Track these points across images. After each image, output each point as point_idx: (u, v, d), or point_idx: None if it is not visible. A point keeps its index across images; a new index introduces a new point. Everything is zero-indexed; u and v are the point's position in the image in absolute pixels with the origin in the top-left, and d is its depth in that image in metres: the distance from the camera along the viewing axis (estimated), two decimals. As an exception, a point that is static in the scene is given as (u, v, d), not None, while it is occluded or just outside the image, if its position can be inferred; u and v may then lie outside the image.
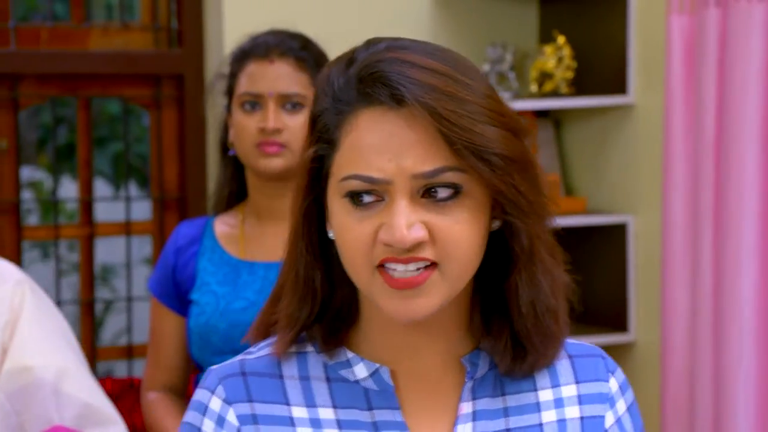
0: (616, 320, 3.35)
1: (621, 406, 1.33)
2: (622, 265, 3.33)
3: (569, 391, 1.31)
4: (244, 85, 2.39)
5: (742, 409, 2.79)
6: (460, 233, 1.19)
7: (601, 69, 3.34)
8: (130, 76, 3.43)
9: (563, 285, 1.27)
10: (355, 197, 1.19)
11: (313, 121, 1.24)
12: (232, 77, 2.42)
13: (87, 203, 3.47)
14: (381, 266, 1.19)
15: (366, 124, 1.19)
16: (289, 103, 2.37)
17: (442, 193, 1.18)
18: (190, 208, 3.44)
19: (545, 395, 1.30)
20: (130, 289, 3.60)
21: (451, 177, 1.18)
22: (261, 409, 1.26)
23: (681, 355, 2.98)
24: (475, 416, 1.27)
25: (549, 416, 1.29)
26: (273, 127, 2.34)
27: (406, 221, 1.17)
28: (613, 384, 1.33)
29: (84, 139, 3.45)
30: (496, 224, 1.24)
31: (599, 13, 3.37)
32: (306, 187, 1.25)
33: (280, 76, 2.38)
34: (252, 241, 2.44)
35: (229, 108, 2.44)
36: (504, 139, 1.18)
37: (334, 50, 3.40)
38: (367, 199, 1.19)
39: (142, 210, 3.76)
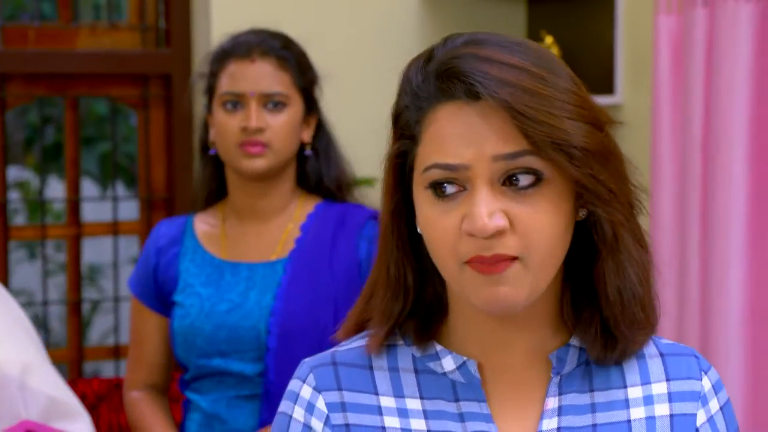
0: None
1: (714, 405, 1.33)
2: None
3: (659, 388, 1.31)
4: (225, 84, 2.38)
5: (730, 409, 2.80)
6: (541, 222, 1.19)
7: (589, 69, 3.35)
8: (117, 75, 3.42)
9: (650, 272, 1.29)
10: (437, 188, 1.20)
11: (395, 119, 1.26)
12: (213, 77, 2.42)
13: (74, 203, 3.47)
14: (469, 262, 1.20)
15: (445, 117, 1.20)
16: (270, 102, 2.37)
17: (524, 180, 1.19)
18: (177, 208, 3.44)
19: (635, 392, 1.30)
20: (117, 289, 3.59)
21: (532, 162, 1.18)
22: (350, 397, 1.28)
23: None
24: (561, 411, 1.28)
25: (638, 413, 1.29)
26: (255, 126, 2.34)
27: (487, 210, 1.17)
28: (706, 383, 1.33)
29: (71, 139, 3.45)
30: (583, 213, 1.24)
31: (587, 13, 3.37)
32: (393, 184, 1.27)
33: (262, 76, 2.37)
34: (234, 241, 2.44)
35: (209, 107, 2.43)
36: (582, 131, 1.19)
37: (321, 50, 3.41)
38: (449, 189, 1.20)
39: (130, 210, 3.76)
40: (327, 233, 2.41)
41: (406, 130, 1.24)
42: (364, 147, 3.48)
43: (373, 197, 3.38)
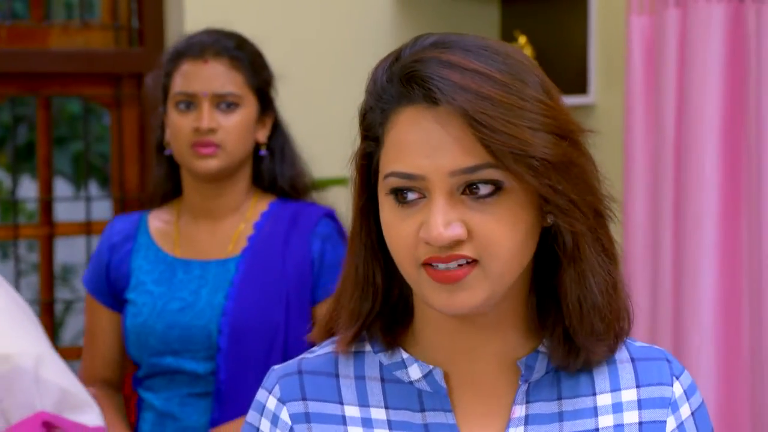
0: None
1: (685, 410, 1.31)
2: (583, 265, 3.34)
3: (629, 395, 1.29)
4: (178, 84, 2.38)
5: (702, 407, 2.81)
6: (500, 231, 1.18)
7: (562, 69, 3.35)
8: (90, 75, 3.41)
9: (617, 283, 1.27)
10: (398, 194, 1.20)
11: (361, 119, 1.25)
12: (167, 77, 2.41)
13: (47, 203, 3.45)
14: (426, 264, 1.19)
15: (405, 121, 1.19)
16: (223, 102, 2.37)
17: (483, 189, 1.18)
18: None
19: (603, 399, 1.29)
20: (91, 289, 3.58)
21: (491, 173, 1.17)
22: (314, 407, 1.27)
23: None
24: (528, 420, 1.26)
25: (606, 421, 1.27)
26: (207, 126, 2.33)
27: (443, 219, 1.17)
28: (678, 388, 1.31)
29: (44, 138, 3.43)
30: (551, 219, 1.23)
31: (560, 14, 3.38)
32: (360, 184, 1.26)
33: (215, 76, 2.37)
34: (187, 239, 2.43)
35: (164, 107, 2.43)
36: (544, 141, 1.17)
37: (295, 49, 3.40)
38: (410, 196, 1.19)
39: (103, 210, 3.74)
40: (280, 232, 2.40)
41: (370, 131, 1.24)
42: (339, 146, 3.48)
43: (344, 196, 3.38)
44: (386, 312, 1.29)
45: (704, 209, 2.81)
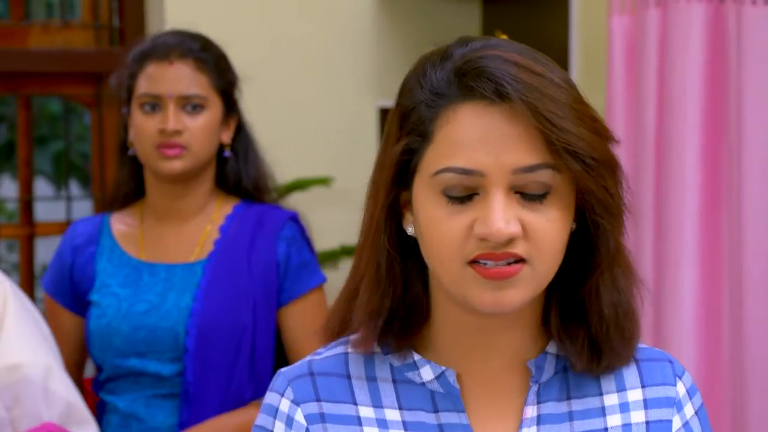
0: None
1: (689, 409, 1.33)
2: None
3: (635, 395, 1.31)
4: (143, 86, 2.38)
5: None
6: (551, 231, 1.20)
7: (544, 69, 3.36)
8: (70, 74, 3.40)
9: (639, 286, 1.30)
10: (449, 191, 1.20)
11: (405, 114, 1.24)
12: (131, 78, 2.41)
13: (27, 203, 3.44)
14: (472, 262, 1.20)
15: (465, 117, 1.19)
16: (189, 104, 2.37)
17: (536, 191, 1.19)
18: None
19: (610, 399, 1.30)
20: (72, 289, 3.57)
21: (546, 175, 1.19)
22: (329, 408, 1.27)
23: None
24: (540, 420, 1.27)
25: (614, 420, 1.29)
26: (173, 128, 2.33)
27: (504, 216, 1.18)
28: (681, 388, 1.33)
29: (24, 138, 3.42)
30: (573, 226, 1.24)
31: (541, 14, 3.38)
32: (391, 181, 1.24)
33: (180, 78, 2.37)
34: (152, 242, 2.43)
35: (128, 108, 2.42)
36: (595, 142, 1.20)
37: (275, 49, 3.40)
38: (462, 193, 1.19)
39: (84, 209, 3.73)
40: (245, 235, 2.40)
41: (418, 126, 1.22)
42: (321, 146, 3.47)
43: (326, 196, 3.38)
44: (401, 313, 1.28)
45: (685, 209, 2.82)
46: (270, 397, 1.30)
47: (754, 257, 2.74)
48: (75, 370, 2.48)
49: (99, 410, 2.43)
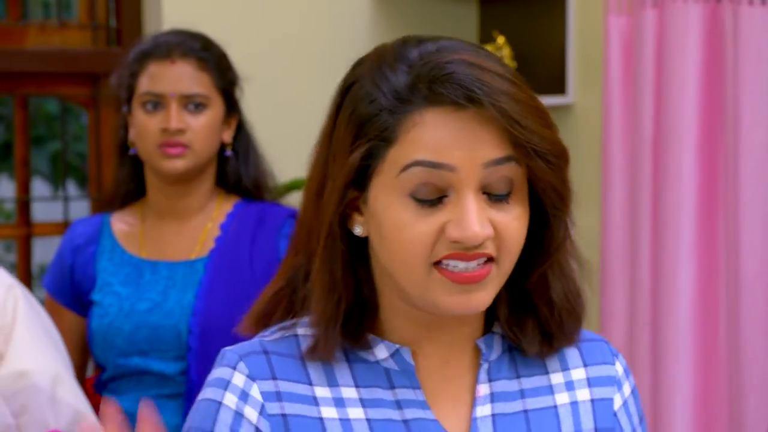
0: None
1: (626, 389, 1.36)
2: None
3: (578, 374, 1.34)
4: (145, 85, 2.38)
5: (680, 411, 2.82)
6: (516, 229, 1.22)
7: (541, 69, 3.36)
8: (68, 74, 3.40)
9: (582, 266, 1.32)
10: (417, 193, 1.20)
11: (365, 121, 1.22)
12: (133, 77, 2.40)
13: (24, 203, 3.44)
14: (437, 263, 1.20)
15: (433, 121, 1.20)
16: (191, 103, 2.37)
17: (501, 190, 1.21)
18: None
19: (556, 378, 1.33)
20: (69, 289, 3.57)
21: (512, 170, 1.20)
22: (285, 386, 1.26)
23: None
24: (493, 398, 1.29)
25: (562, 398, 1.32)
26: (175, 127, 2.33)
27: (479, 218, 1.19)
28: (619, 367, 1.36)
29: (21, 138, 3.42)
30: (552, 213, 1.27)
31: (538, 14, 3.38)
32: (345, 186, 1.24)
33: (182, 77, 2.37)
34: (153, 241, 2.43)
35: (128, 107, 2.42)
36: (552, 136, 1.22)
37: (272, 49, 3.40)
38: (431, 195, 1.20)
39: (81, 210, 3.73)
40: (246, 232, 2.40)
41: (381, 132, 1.21)
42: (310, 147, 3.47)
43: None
44: (354, 311, 1.28)
45: (682, 208, 2.82)
46: (221, 372, 1.28)
47: (750, 256, 2.74)
48: (77, 371, 2.47)
49: (102, 410, 2.43)
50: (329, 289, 1.26)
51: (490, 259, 1.21)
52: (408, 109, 1.20)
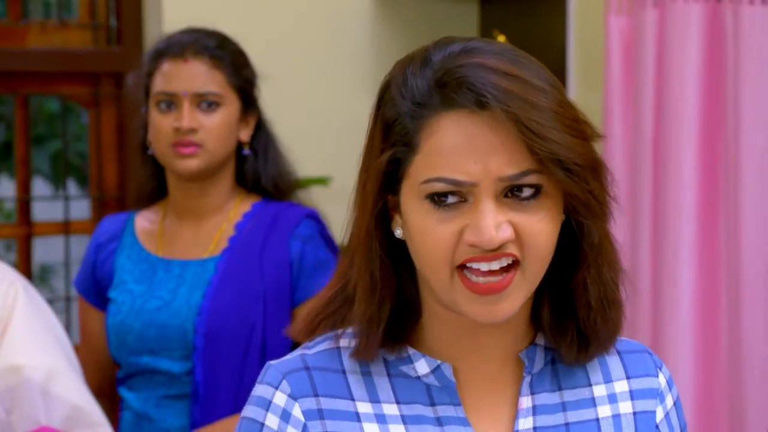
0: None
1: (669, 401, 1.35)
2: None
3: (621, 386, 1.33)
4: (159, 84, 2.37)
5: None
6: (542, 231, 1.21)
7: (541, 68, 3.36)
8: (68, 74, 3.40)
9: (622, 277, 1.31)
10: (436, 198, 1.20)
11: (388, 125, 1.23)
12: (148, 76, 2.40)
13: (25, 202, 3.44)
14: (461, 267, 1.20)
15: (448, 126, 1.20)
16: (204, 102, 2.35)
17: (526, 192, 1.20)
18: (129, 207, 3.42)
19: (599, 390, 1.32)
20: (69, 289, 3.57)
21: (534, 179, 1.20)
22: (326, 403, 1.26)
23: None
24: (535, 411, 1.29)
25: (604, 411, 1.31)
26: (187, 126, 2.32)
27: (494, 221, 1.18)
28: (662, 379, 1.36)
29: (22, 137, 3.42)
30: (581, 220, 1.26)
31: (539, 13, 3.39)
32: (378, 190, 1.24)
33: (195, 75, 2.36)
34: (170, 239, 2.42)
35: (146, 107, 2.42)
36: (578, 147, 1.20)
37: (274, 49, 3.40)
38: (450, 200, 1.20)
39: (82, 209, 3.73)
40: (259, 233, 2.39)
41: (403, 137, 1.22)
42: (318, 146, 3.47)
43: (325, 196, 3.38)
44: (396, 314, 1.28)
45: (682, 208, 2.82)
46: (261, 390, 1.27)
47: (751, 256, 2.74)
48: (107, 368, 2.47)
49: (120, 406, 2.43)
50: (370, 291, 1.26)
51: (515, 263, 1.20)
52: (424, 113, 1.21)
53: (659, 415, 1.34)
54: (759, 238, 2.75)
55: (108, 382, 2.49)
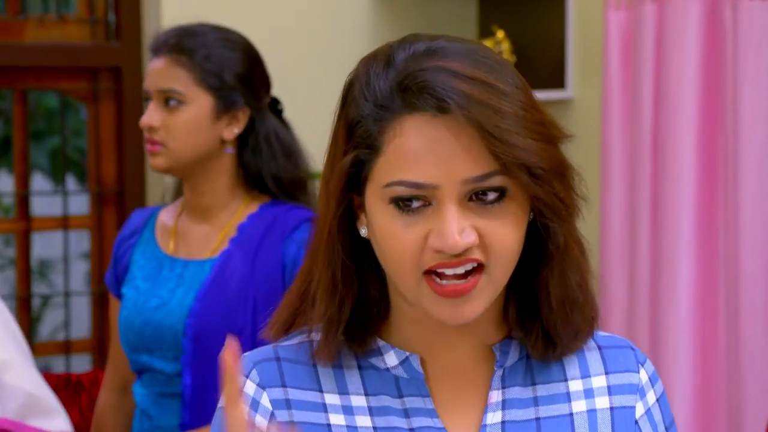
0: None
1: (651, 396, 1.35)
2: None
3: (599, 381, 1.33)
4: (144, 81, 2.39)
5: (679, 407, 2.82)
6: (507, 236, 1.20)
7: (540, 64, 3.36)
8: (67, 69, 3.40)
9: (589, 277, 1.30)
10: (401, 203, 1.19)
11: (352, 126, 1.23)
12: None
13: (24, 197, 3.44)
14: (427, 272, 1.20)
15: (411, 130, 1.19)
16: (170, 99, 2.32)
17: (490, 196, 1.19)
18: (128, 202, 3.42)
19: (575, 385, 1.32)
20: (68, 284, 3.57)
21: (498, 181, 1.19)
22: (294, 394, 1.27)
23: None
24: (505, 405, 1.29)
25: (579, 406, 1.31)
26: (144, 124, 2.31)
27: (458, 226, 1.18)
28: (643, 375, 1.35)
29: (20, 132, 3.42)
30: (545, 222, 1.25)
31: (538, 9, 3.39)
32: (342, 191, 1.24)
33: (159, 72, 2.34)
34: (182, 237, 2.41)
35: None
36: (542, 151, 1.20)
37: (273, 45, 3.40)
38: (414, 204, 1.19)
39: (80, 204, 3.74)
40: (257, 235, 2.37)
41: (366, 139, 1.21)
42: (315, 143, 3.47)
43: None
44: (359, 313, 1.28)
45: (681, 203, 2.82)
46: None
47: (749, 252, 2.74)
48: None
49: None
50: (331, 291, 1.26)
51: (480, 266, 1.20)
52: (387, 115, 1.20)
53: (639, 411, 1.33)
54: (757, 232, 2.75)
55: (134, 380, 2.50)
